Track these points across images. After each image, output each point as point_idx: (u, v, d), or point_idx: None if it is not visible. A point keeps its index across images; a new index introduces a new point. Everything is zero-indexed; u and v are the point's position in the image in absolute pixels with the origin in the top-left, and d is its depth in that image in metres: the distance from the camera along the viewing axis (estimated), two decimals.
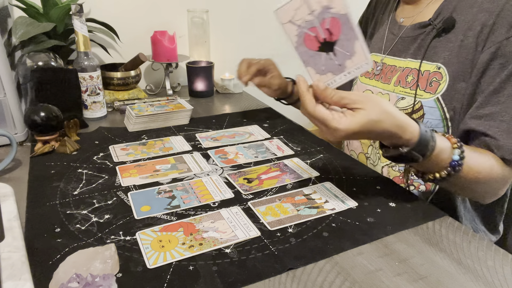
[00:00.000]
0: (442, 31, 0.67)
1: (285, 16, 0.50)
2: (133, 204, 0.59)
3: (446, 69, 0.66)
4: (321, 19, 0.49)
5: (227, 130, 0.91)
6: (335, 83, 0.53)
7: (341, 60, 0.51)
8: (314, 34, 0.50)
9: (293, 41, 0.52)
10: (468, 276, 0.47)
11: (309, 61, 0.52)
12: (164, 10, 1.23)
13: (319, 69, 0.52)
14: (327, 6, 0.48)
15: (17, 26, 0.90)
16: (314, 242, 0.52)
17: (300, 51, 0.52)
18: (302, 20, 0.50)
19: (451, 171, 0.54)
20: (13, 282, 0.41)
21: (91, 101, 0.92)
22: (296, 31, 0.51)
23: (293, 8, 0.49)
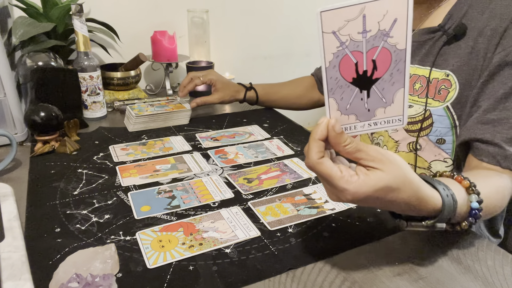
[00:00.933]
0: (453, 37, 0.65)
1: (330, 23, 0.37)
2: (133, 204, 0.59)
3: (456, 76, 0.64)
4: (371, 45, 0.38)
5: (227, 130, 0.91)
6: (354, 131, 0.41)
7: (373, 105, 0.40)
8: (355, 60, 0.38)
9: (327, 58, 0.38)
10: (468, 276, 0.47)
11: (335, 91, 0.40)
12: (164, 10, 1.23)
13: (343, 106, 0.40)
14: (385, 32, 0.37)
15: (17, 26, 0.90)
16: (314, 242, 0.52)
17: (329, 74, 0.39)
18: (349, 36, 0.37)
19: (472, 220, 0.47)
20: (13, 282, 0.41)
21: (91, 101, 0.92)
22: (336, 47, 0.38)
23: (344, 17, 0.36)
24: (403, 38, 0.37)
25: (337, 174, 0.39)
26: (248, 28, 1.40)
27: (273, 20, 1.43)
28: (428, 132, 0.68)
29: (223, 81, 0.97)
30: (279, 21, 1.45)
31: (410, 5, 0.35)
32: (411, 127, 0.70)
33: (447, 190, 0.44)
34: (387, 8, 0.35)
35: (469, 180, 0.47)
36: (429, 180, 0.45)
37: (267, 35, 1.45)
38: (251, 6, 1.37)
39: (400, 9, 0.36)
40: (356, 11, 0.36)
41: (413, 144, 0.71)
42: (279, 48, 1.50)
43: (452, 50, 0.65)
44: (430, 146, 0.69)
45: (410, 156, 0.71)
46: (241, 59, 1.45)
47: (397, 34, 0.37)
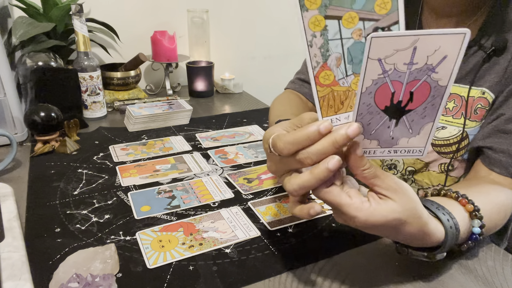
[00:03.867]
0: (493, 53, 0.60)
1: (378, 50, 0.34)
2: (133, 204, 0.59)
3: (493, 94, 0.60)
4: (413, 78, 0.35)
5: (227, 130, 0.91)
6: (373, 155, 0.40)
7: (398, 134, 0.38)
8: (393, 90, 0.36)
9: (365, 84, 0.36)
10: (468, 276, 0.47)
11: (364, 116, 0.37)
12: (164, 10, 1.23)
13: (368, 131, 0.38)
14: (431, 67, 0.35)
15: (17, 26, 0.90)
16: (314, 242, 0.52)
17: (363, 100, 0.36)
18: (393, 66, 0.35)
19: (471, 244, 0.46)
20: (13, 282, 0.41)
21: (91, 101, 0.92)
22: (377, 74, 0.35)
23: (394, 46, 0.34)
24: (448, 76, 0.35)
25: (346, 201, 0.37)
26: (248, 28, 1.40)
27: (273, 20, 1.43)
28: (463, 153, 0.65)
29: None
30: (279, 21, 1.45)
31: (464, 45, 0.34)
32: (445, 149, 0.66)
33: (451, 220, 0.43)
34: (440, 44, 0.34)
35: (473, 204, 0.46)
36: (433, 209, 0.43)
37: (267, 35, 1.45)
38: (251, 6, 1.37)
39: (452, 47, 0.34)
40: (409, 42, 0.34)
41: (445, 166, 0.66)
42: (279, 48, 1.50)
43: (490, 66, 0.60)
44: (462, 164, 0.66)
45: (441, 177, 0.67)
46: (241, 59, 1.45)
47: (443, 71, 0.35)
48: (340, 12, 0.36)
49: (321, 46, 0.37)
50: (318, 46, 0.37)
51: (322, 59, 0.38)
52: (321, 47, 0.37)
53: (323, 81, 0.39)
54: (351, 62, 0.38)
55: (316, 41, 0.37)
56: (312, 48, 0.37)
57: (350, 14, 0.36)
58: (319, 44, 0.37)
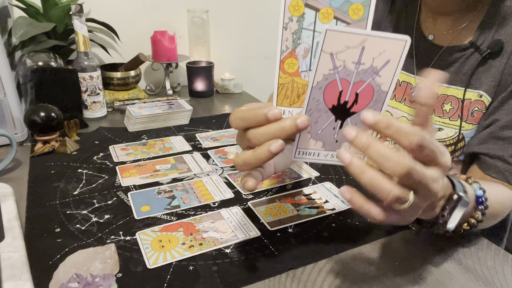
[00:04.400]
0: (488, 55, 0.59)
1: (331, 44, 0.36)
2: (133, 204, 0.59)
3: (489, 97, 0.60)
4: (359, 78, 0.37)
5: (227, 130, 0.91)
6: (316, 158, 0.40)
7: (342, 137, 0.39)
8: (341, 88, 0.37)
9: (316, 78, 0.37)
10: (468, 276, 0.47)
11: (312, 112, 0.38)
12: (164, 10, 1.23)
13: (315, 130, 0.39)
14: (376, 70, 0.36)
15: (17, 26, 0.90)
16: (314, 242, 0.52)
17: (313, 94, 0.38)
18: (343, 63, 0.36)
19: (482, 208, 0.46)
20: (13, 282, 0.41)
21: (91, 101, 0.92)
22: (328, 69, 0.37)
23: (345, 43, 0.35)
24: (389, 81, 0.36)
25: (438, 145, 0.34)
26: (248, 28, 1.40)
27: (273, 20, 1.43)
28: (459, 154, 0.65)
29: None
30: (279, 21, 1.45)
31: (405, 52, 0.35)
32: None
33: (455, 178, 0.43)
34: (385, 47, 0.35)
35: (469, 177, 0.47)
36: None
37: (267, 35, 1.45)
38: (251, 6, 1.37)
39: (395, 52, 0.35)
40: (358, 40, 0.35)
41: None
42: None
43: (486, 69, 0.60)
44: (458, 165, 0.66)
45: None
46: (241, 59, 1.45)
47: (385, 75, 0.36)
48: (319, 4, 0.38)
49: (294, 32, 0.38)
50: (292, 31, 0.38)
51: (292, 45, 0.39)
52: (294, 33, 0.38)
53: (287, 68, 0.40)
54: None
55: (291, 25, 0.38)
56: (286, 31, 0.38)
57: (328, 9, 0.38)
58: (293, 29, 0.38)
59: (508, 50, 0.58)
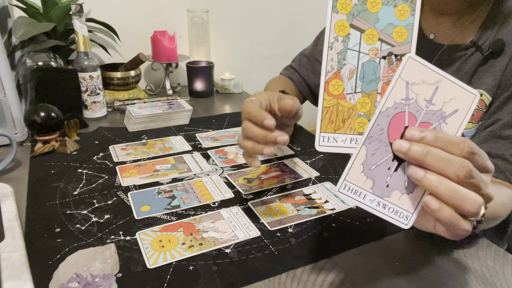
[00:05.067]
0: (490, 55, 0.59)
1: (410, 73, 0.35)
2: (133, 204, 0.59)
3: (490, 96, 0.60)
4: (427, 119, 0.35)
5: (227, 130, 0.91)
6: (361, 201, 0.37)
7: (393, 183, 0.36)
8: (407, 124, 0.35)
9: (387, 104, 0.35)
10: (468, 276, 0.47)
11: (372, 141, 0.36)
12: (164, 10, 1.23)
13: (369, 163, 0.36)
14: (444, 115, 0.35)
15: (17, 26, 0.90)
16: (314, 242, 0.52)
17: (379, 120, 0.35)
18: (416, 96, 0.35)
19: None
20: (13, 282, 0.41)
21: (91, 101, 0.92)
22: (400, 98, 0.35)
23: (423, 76, 0.35)
24: (454, 131, 0.35)
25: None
26: (248, 28, 1.40)
27: (273, 20, 1.43)
28: None
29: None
30: (279, 21, 1.45)
31: (473, 107, 0.35)
32: None
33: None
34: (456, 94, 0.35)
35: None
36: None
37: (267, 35, 1.45)
38: (251, 6, 1.37)
39: (464, 103, 0.35)
40: (435, 78, 0.35)
41: None
42: (279, 48, 1.50)
43: (487, 68, 0.60)
44: None
45: None
46: (241, 59, 1.45)
47: (452, 125, 0.35)
48: (364, 25, 0.38)
49: (340, 52, 0.38)
50: (337, 51, 0.38)
51: (338, 65, 0.38)
52: (340, 53, 0.38)
53: (332, 90, 0.39)
54: (362, 79, 0.39)
55: (336, 45, 0.38)
56: (331, 50, 0.38)
57: (372, 31, 0.38)
58: (339, 49, 0.38)
59: (510, 50, 0.58)
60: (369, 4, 0.38)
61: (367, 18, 0.38)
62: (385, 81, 0.39)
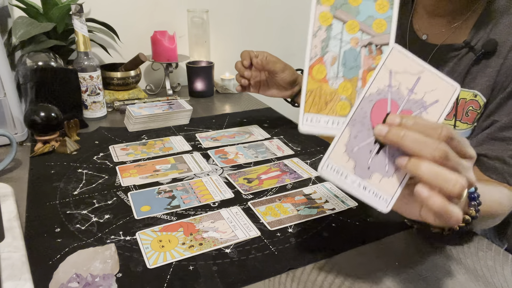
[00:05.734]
0: (482, 55, 0.59)
1: (393, 63, 0.37)
2: (133, 204, 0.59)
3: (484, 97, 0.60)
4: (408, 107, 0.37)
5: (227, 130, 0.91)
6: (343, 181, 0.38)
7: (374, 166, 0.38)
8: (389, 110, 0.37)
9: (371, 89, 0.37)
10: (468, 276, 0.47)
11: (355, 123, 0.37)
12: (164, 10, 1.23)
13: (351, 145, 0.38)
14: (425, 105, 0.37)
15: (17, 26, 0.90)
16: (314, 242, 0.52)
17: (362, 104, 0.37)
18: (398, 84, 0.37)
19: (475, 204, 0.46)
20: (13, 282, 0.41)
21: (91, 101, 0.92)
22: (384, 85, 0.37)
23: (405, 67, 0.37)
24: (435, 120, 0.37)
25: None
26: (248, 28, 1.40)
27: (273, 20, 1.43)
28: None
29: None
30: (279, 21, 1.45)
31: (453, 98, 0.36)
32: None
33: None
34: (437, 86, 0.36)
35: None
36: None
37: (267, 35, 1.45)
38: (251, 6, 1.37)
39: (445, 95, 0.36)
40: (417, 69, 0.37)
41: None
42: (279, 48, 1.50)
43: (481, 69, 0.60)
44: None
45: None
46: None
47: (432, 114, 0.37)
48: (346, 17, 0.40)
49: (323, 40, 0.40)
50: (321, 39, 0.40)
51: (321, 52, 0.40)
52: (323, 41, 0.40)
53: (315, 74, 0.41)
54: (343, 65, 0.40)
55: (320, 33, 0.40)
56: (315, 38, 0.40)
57: (353, 22, 0.40)
58: (322, 37, 0.40)
59: (504, 50, 0.58)
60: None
61: (348, 10, 0.40)
62: (366, 68, 0.40)
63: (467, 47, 0.62)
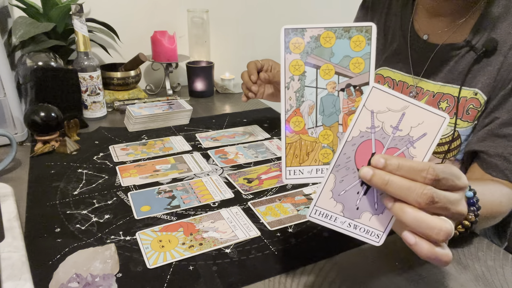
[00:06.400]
0: (483, 54, 0.60)
1: (374, 102, 0.36)
2: (133, 204, 0.59)
3: (484, 94, 0.60)
4: (394, 145, 0.36)
5: (227, 130, 0.91)
6: (332, 223, 0.38)
7: (363, 206, 0.37)
8: (374, 150, 0.36)
9: (353, 133, 0.36)
10: (468, 276, 0.47)
11: (340, 169, 0.37)
12: (164, 10, 1.23)
13: (338, 190, 0.37)
14: (412, 140, 0.35)
15: (17, 26, 0.90)
16: (314, 242, 0.52)
17: (345, 150, 0.36)
18: (381, 124, 0.36)
19: (474, 209, 0.46)
20: (13, 282, 0.41)
21: (91, 101, 0.92)
22: (366, 127, 0.36)
23: (388, 104, 0.35)
24: (423, 155, 0.36)
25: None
26: (248, 28, 1.40)
27: (273, 20, 1.43)
28: (455, 153, 0.65)
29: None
30: (279, 21, 1.45)
31: (442, 129, 0.35)
32: (438, 148, 0.66)
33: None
34: (424, 119, 0.35)
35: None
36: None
37: (267, 35, 1.45)
38: (251, 6, 1.37)
39: (433, 127, 0.35)
40: (401, 105, 0.35)
41: None
42: (279, 49, 1.50)
43: (481, 67, 0.61)
44: (455, 165, 0.66)
45: None
46: (241, 59, 1.45)
47: (420, 148, 0.36)
48: (319, 62, 0.38)
49: (297, 91, 0.39)
50: (295, 89, 0.39)
51: (296, 103, 0.39)
52: (297, 91, 0.39)
53: (293, 127, 0.40)
54: (322, 113, 0.39)
55: (293, 84, 0.39)
56: (288, 90, 0.39)
57: (328, 66, 0.38)
58: (296, 87, 0.39)
59: (504, 49, 0.58)
60: (322, 40, 0.38)
61: (321, 54, 0.38)
62: (346, 112, 0.39)
63: (468, 46, 0.62)
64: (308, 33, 0.38)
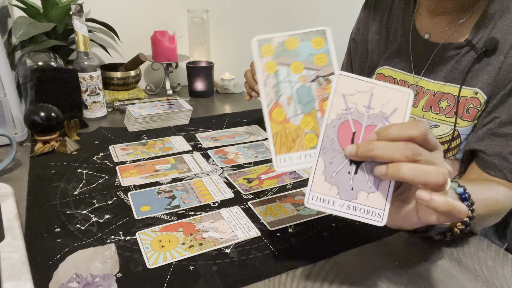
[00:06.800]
0: (484, 53, 0.60)
1: (343, 87, 0.40)
2: (133, 204, 0.59)
3: (484, 94, 0.60)
4: (371, 122, 0.39)
5: (227, 130, 0.91)
6: (331, 208, 0.39)
7: (357, 185, 0.39)
8: (354, 130, 0.39)
9: (330, 116, 0.40)
10: (468, 276, 0.47)
11: (327, 151, 0.39)
12: (164, 10, 1.23)
13: (329, 172, 0.39)
14: (385, 116, 0.39)
15: (17, 26, 0.90)
16: (314, 242, 0.52)
17: (327, 132, 0.39)
18: (355, 105, 0.39)
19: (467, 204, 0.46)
20: (13, 282, 0.41)
21: (91, 101, 0.92)
22: (341, 109, 0.39)
23: (356, 87, 0.39)
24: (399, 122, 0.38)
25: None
26: (248, 28, 1.40)
27: (273, 20, 1.43)
28: (455, 152, 0.65)
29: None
30: (279, 21, 1.45)
31: (410, 103, 0.38)
32: None
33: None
34: (391, 96, 0.39)
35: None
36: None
37: None
38: (251, 6, 1.37)
39: (401, 102, 0.39)
40: (367, 87, 0.39)
41: None
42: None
43: (482, 67, 0.61)
44: (455, 164, 0.66)
45: None
46: (241, 59, 1.44)
47: (395, 121, 0.39)
48: (289, 60, 0.43)
49: (274, 86, 0.43)
50: (272, 85, 0.43)
51: (275, 96, 0.43)
52: (274, 86, 0.43)
53: (276, 118, 0.43)
54: (300, 102, 0.43)
55: (269, 81, 0.43)
56: (266, 86, 0.43)
57: (296, 63, 0.43)
58: (272, 83, 0.43)
59: (505, 48, 0.59)
60: (287, 45, 0.43)
61: (289, 55, 0.43)
62: (320, 99, 0.43)
63: (468, 46, 0.62)
64: (276, 39, 0.44)
